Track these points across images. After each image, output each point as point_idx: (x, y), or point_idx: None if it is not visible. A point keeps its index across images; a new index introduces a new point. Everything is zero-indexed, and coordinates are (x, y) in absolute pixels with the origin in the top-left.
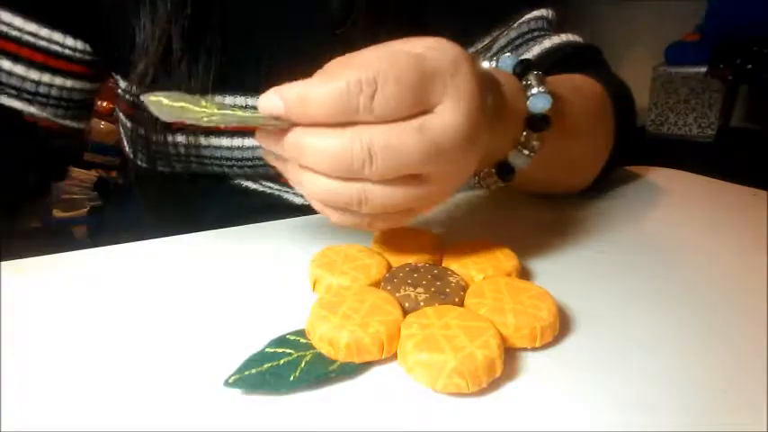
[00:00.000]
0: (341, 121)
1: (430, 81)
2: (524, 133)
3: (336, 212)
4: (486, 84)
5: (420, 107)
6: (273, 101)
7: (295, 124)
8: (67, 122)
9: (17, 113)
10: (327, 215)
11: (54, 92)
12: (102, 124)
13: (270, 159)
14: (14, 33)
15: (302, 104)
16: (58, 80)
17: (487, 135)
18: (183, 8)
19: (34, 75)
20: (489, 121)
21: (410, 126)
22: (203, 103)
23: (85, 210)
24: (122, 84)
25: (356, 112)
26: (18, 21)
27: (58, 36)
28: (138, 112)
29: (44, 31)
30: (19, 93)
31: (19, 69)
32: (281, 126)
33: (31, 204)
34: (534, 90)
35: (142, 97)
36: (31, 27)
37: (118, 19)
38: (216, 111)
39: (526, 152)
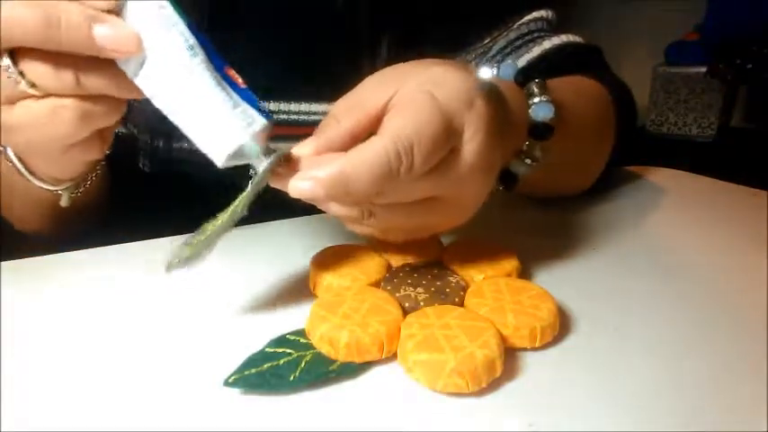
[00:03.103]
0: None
1: (451, 124)
2: (527, 142)
3: (350, 223)
4: (498, 105)
5: (447, 150)
6: (305, 186)
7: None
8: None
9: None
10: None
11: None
12: None
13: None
14: None
15: (344, 185)
16: None
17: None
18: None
19: None
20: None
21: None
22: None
23: None
24: None
25: (396, 179)
26: None
27: None
28: (142, 120)
29: None
30: None
31: None
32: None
33: None
34: (536, 99)
35: (166, 271)
36: None
37: None
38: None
39: (528, 161)
